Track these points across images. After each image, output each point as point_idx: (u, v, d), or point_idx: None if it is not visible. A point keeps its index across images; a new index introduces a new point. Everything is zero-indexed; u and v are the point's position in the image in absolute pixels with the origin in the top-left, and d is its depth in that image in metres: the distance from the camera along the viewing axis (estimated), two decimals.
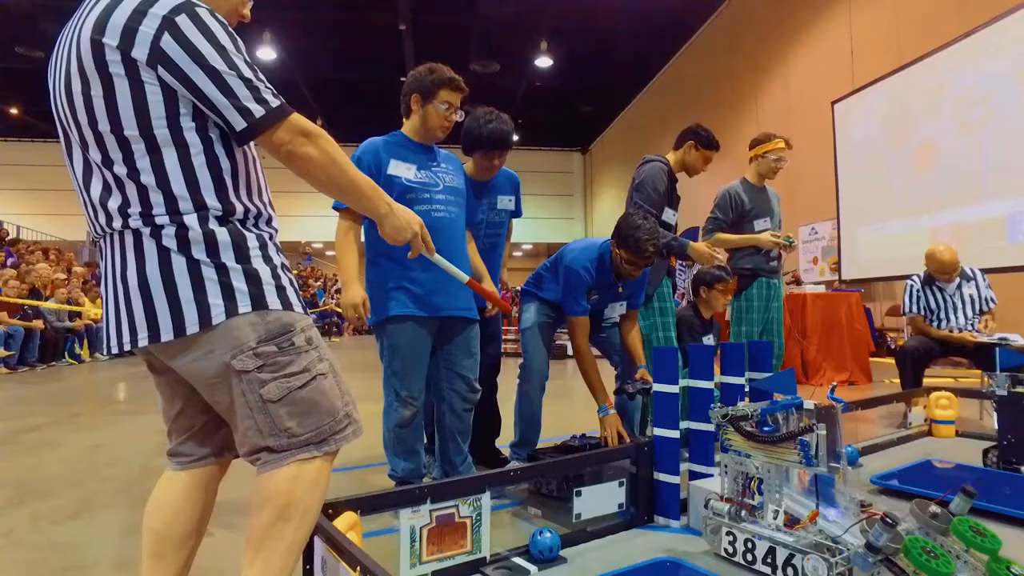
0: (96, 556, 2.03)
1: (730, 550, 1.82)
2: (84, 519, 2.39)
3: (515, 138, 2.73)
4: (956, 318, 4.04)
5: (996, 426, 2.88)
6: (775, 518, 1.77)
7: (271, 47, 13.81)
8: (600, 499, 2.11)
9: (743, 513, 1.83)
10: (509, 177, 2.93)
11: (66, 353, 9.34)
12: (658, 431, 2.20)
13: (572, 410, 4.75)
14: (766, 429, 1.82)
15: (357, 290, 2.29)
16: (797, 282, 8.26)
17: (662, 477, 2.20)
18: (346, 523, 1.50)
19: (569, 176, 24.49)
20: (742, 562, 1.79)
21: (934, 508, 1.64)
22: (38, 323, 8.75)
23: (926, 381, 4.05)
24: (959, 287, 4.10)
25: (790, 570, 1.66)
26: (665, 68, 16.49)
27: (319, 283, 19.58)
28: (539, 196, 22.41)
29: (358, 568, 1.25)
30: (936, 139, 7.80)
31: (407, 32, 14.03)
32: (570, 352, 3.12)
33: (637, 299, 2.90)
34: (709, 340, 3.26)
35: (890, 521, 1.53)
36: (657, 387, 2.21)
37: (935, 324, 4.10)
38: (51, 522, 2.36)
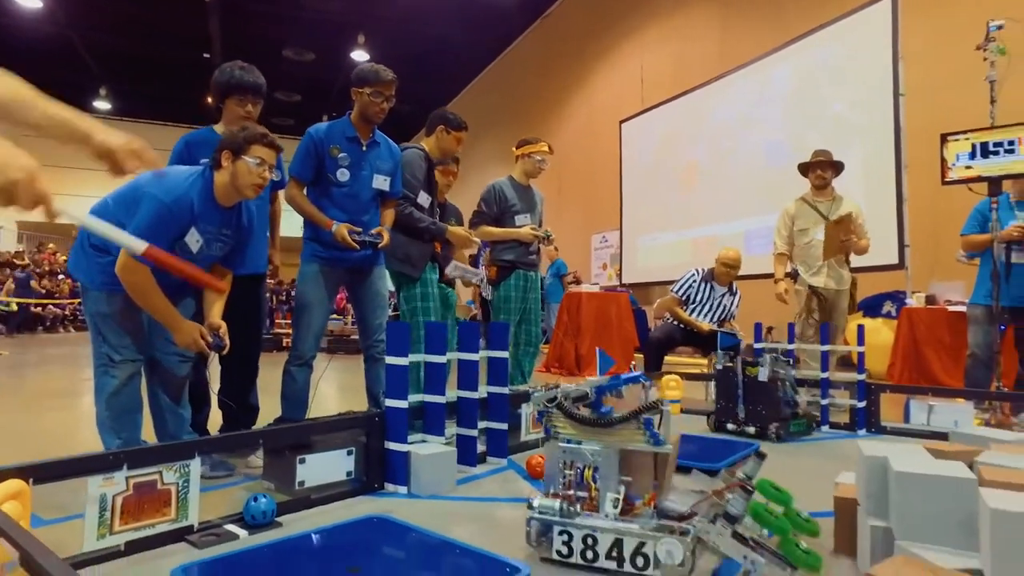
0: None
1: (565, 551, 1.60)
2: None
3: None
4: (705, 316, 4.72)
5: (714, 396, 3.52)
6: (615, 507, 1.61)
7: None
8: (326, 467, 2.18)
9: (578, 507, 1.64)
10: None
11: None
12: (389, 402, 2.32)
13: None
14: (604, 411, 1.72)
15: None
16: (577, 281, 9.02)
17: (392, 446, 2.31)
18: (3, 492, 1.40)
19: None
20: (581, 561, 1.59)
21: (740, 473, 1.57)
22: None
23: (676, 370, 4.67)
24: (723, 296, 4.79)
25: (640, 559, 1.52)
26: (479, 77, 17.07)
27: None
28: None
29: None
30: (698, 162, 8.95)
31: (213, 7, 13.07)
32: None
33: (396, 186, 3.02)
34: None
35: (749, 488, 1.48)
36: (389, 360, 2.33)
37: (688, 312, 4.77)
38: None
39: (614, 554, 1.55)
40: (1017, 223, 3.65)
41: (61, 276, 14.44)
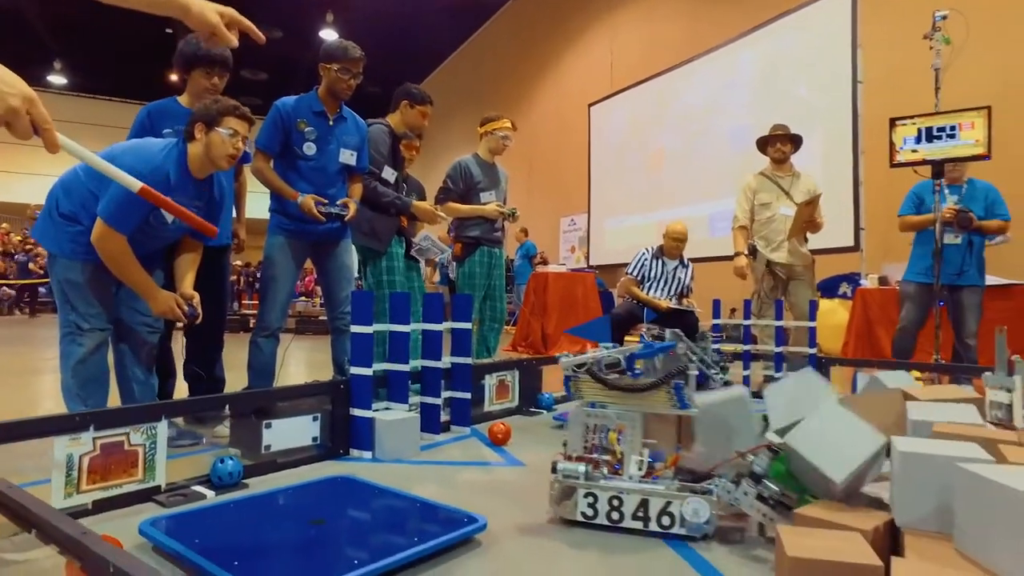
0: None
1: (590, 512, 1.64)
2: None
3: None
4: (661, 291, 4.85)
5: None
6: (640, 469, 1.66)
7: None
8: (292, 432, 2.24)
9: (605, 470, 1.69)
10: None
11: None
12: (354, 369, 2.38)
13: None
14: (637, 372, 1.77)
15: None
16: (544, 262, 9.14)
17: (357, 412, 2.38)
18: None
19: None
20: (606, 522, 1.62)
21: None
22: None
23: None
24: (676, 269, 4.91)
25: (665, 519, 1.58)
26: (448, 59, 16.97)
27: None
28: None
29: None
30: (665, 146, 9.08)
31: None
32: None
33: (363, 161, 3.07)
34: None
35: (775, 449, 1.57)
36: (354, 328, 2.39)
37: (645, 291, 4.89)
38: None
39: (640, 514, 1.60)
40: (949, 206, 3.83)
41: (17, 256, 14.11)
